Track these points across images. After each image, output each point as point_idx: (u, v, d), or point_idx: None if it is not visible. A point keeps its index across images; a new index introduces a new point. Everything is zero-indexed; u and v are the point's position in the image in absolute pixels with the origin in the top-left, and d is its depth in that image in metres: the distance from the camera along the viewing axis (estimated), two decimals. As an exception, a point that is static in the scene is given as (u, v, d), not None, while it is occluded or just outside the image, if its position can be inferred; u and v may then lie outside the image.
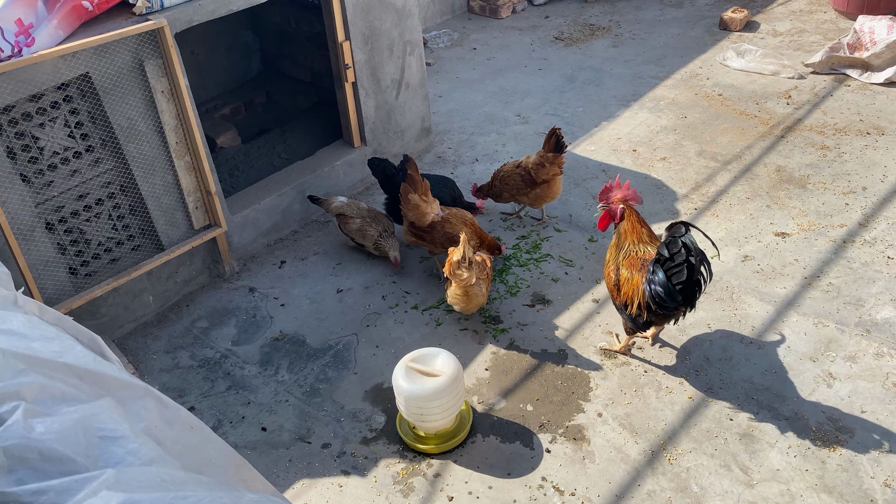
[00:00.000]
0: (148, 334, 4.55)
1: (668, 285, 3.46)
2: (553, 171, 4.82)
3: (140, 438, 1.78)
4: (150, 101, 4.19)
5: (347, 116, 5.39)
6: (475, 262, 4.12)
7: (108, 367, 2.03)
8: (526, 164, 4.91)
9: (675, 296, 3.47)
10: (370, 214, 4.88)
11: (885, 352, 3.92)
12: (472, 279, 4.04)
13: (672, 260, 3.44)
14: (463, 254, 3.98)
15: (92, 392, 1.93)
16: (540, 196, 4.94)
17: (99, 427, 1.73)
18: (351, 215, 4.88)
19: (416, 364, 3.56)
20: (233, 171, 5.57)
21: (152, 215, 4.44)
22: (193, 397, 4.10)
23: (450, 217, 4.53)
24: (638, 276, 3.67)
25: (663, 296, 3.49)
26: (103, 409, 1.83)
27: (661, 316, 3.66)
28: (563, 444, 3.63)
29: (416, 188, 4.47)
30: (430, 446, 3.62)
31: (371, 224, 4.81)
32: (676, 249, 3.42)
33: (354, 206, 4.94)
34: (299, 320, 4.53)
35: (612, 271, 3.86)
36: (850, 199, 5.05)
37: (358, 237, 4.86)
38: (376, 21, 5.19)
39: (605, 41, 7.84)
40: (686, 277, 3.40)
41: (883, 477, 3.32)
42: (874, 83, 6.35)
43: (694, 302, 3.56)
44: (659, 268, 3.51)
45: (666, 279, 3.47)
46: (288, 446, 3.77)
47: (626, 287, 3.74)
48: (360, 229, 4.82)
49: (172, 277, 4.72)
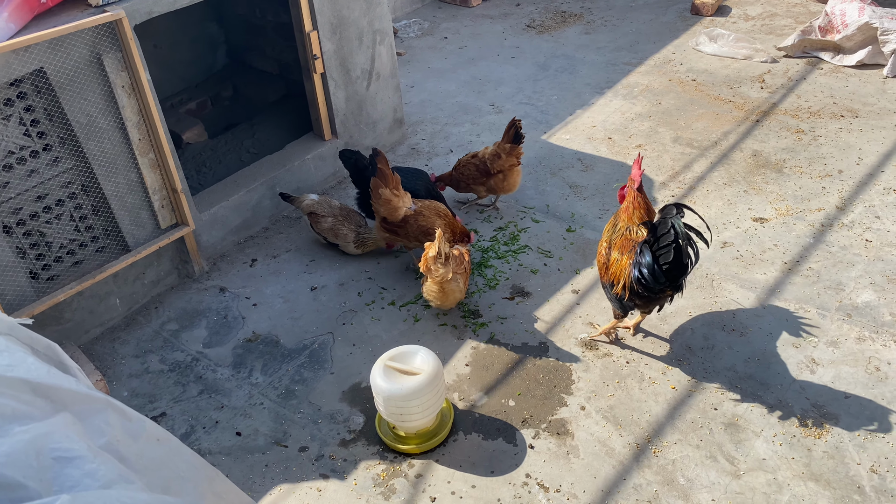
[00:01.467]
0: (116, 338, 4.40)
1: (654, 266, 3.42)
2: (510, 161, 4.81)
3: (99, 458, 1.66)
4: (111, 97, 4.02)
5: (317, 108, 5.25)
6: (452, 257, 4.02)
7: (63, 380, 1.90)
8: (483, 154, 4.91)
9: (660, 277, 3.43)
10: (342, 213, 4.75)
11: (866, 336, 3.89)
12: (448, 275, 3.94)
13: (658, 242, 3.40)
14: (438, 249, 3.88)
15: (47, 408, 1.80)
16: (495, 187, 4.93)
17: (53, 447, 1.60)
18: (322, 214, 4.75)
19: (395, 362, 3.46)
20: (200, 168, 5.40)
21: (116, 215, 4.28)
22: (164, 403, 3.96)
23: (423, 209, 4.43)
24: (626, 257, 3.63)
25: (648, 277, 3.45)
26: (58, 426, 1.71)
27: (645, 298, 3.61)
28: (547, 440, 3.55)
29: (387, 182, 4.34)
30: (411, 446, 3.52)
31: (343, 223, 4.68)
32: (665, 231, 3.38)
33: (326, 203, 4.81)
34: (272, 320, 4.40)
35: (604, 249, 3.84)
36: (827, 182, 5.03)
37: (330, 236, 4.74)
38: (344, 10, 5.05)
39: (577, 28, 7.77)
40: (672, 259, 3.36)
41: (869, 463, 3.29)
42: (846, 66, 6.34)
43: (680, 285, 3.51)
44: (647, 249, 3.47)
45: (652, 260, 3.43)
46: (264, 451, 3.65)
47: (613, 267, 3.71)
48: (332, 228, 4.70)
49: (140, 279, 4.56)
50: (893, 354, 3.77)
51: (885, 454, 3.31)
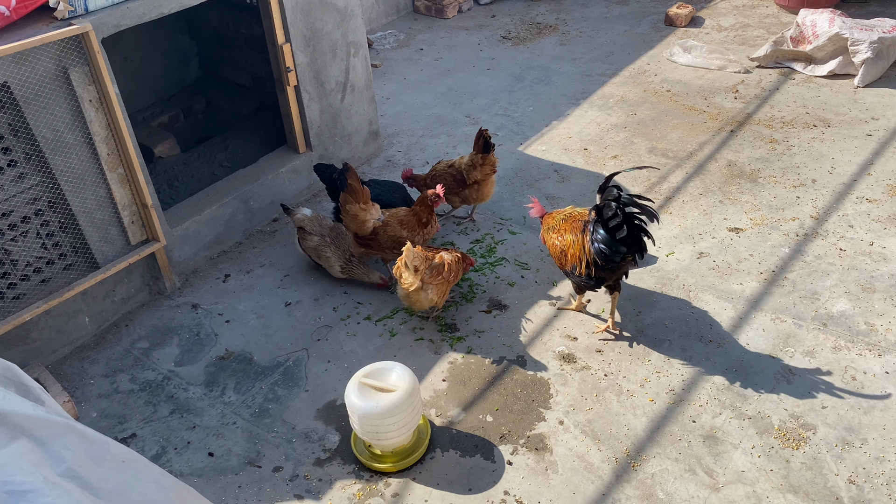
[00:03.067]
0: (85, 358, 4.29)
1: (610, 240, 3.60)
2: (484, 171, 4.79)
3: (56, 490, 1.59)
4: (78, 111, 3.94)
5: (291, 121, 5.19)
6: (433, 267, 3.99)
7: (20, 405, 1.83)
8: (459, 164, 4.89)
9: (619, 248, 3.60)
10: (332, 234, 4.52)
11: (842, 345, 3.90)
12: (414, 283, 3.93)
13: (603, 215, 3.60)
14: (405, 262, 3.92)
15: (2, 436, 1.73)
16: (469, 197, 4.92)
17: (6, 480, 1.54)
18: (310, 231, 4.55)
19: (370, 380, 3.40)
20: (172, 182, 5.32)
21: (85, 232, 4.18)
22: (135, 423, 3.87)
23: (390, 220, 4.42)
24: (581, 236, 3.79)
25: (607, 252, 3.62)
26: (13, 457, 1.64)
27: (609, 270, 3.74)
28: (525, 455, 3.51)
29: (357, 198, 4.31)
30: (388, 465, 3.46)
31: (330, 246, 4.46)
32: (609, 201, 3.56)
33: (317, 221, 4.60)
34: (246, 337, 4.33)
35: (556, 238, 3.98)
36: (801, 191, 5.06)
37: (314, 255, 4.56)
38: (318, 22, 5.00)
39: (552, 39, 7.78)
40: (626, 231, 3.54)
41: (847, 473, 3.28)
42: (818, 76, 6.40)
43: (642, 249, 3.66)
44: (598, 226, 3.65)
45: (607, 234, 3.61)
46: (237, 471, 3.57)
47: (571, 249, 3.85)
48: (315, 248, 4.51)
49: (110, 296, 4.47)
50: (869, 363, 3.78)
51: (863, 464, 3.31)
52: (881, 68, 6.21)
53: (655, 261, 4.58)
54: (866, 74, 6.15)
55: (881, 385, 3.66)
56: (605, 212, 3.58)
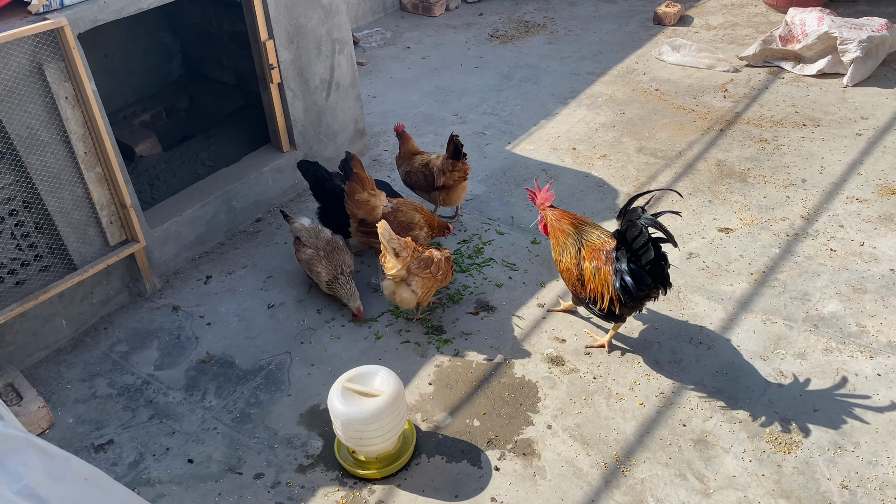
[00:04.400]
0: (61, 362, 4.18)
1: (637, 270, 3.40)
2: (454, 177, 4.70)
3: (11, 509, 1.50)
4: (53, 108, 3.83)
5: (274, 119, 5.09)
6: (422, 259, 3.93)
7: (-23, 420, 1.73)
8: (432, 164, 4.77)
9: (645, 279, 3.41)
10: (327, 248, 4.31)
11: (833, 347, 3.85)
12: (398, 267, 3.87)
13: (633, 244, 3.37)
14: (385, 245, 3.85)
15: (-42, 452, 1.64)
16: (438, 199, 4.86)
17: (-42, 499, 1.44)
18: (305, 242, 4.37)
19: (353, 384, 3.31)
20: (153, 182, 5.21)
21: (61, 232, 4.07)
22: (112, 429, 3.76)
23: (399, 205, 4.43)
24: (605, 269, 3.55)
25: (632, 286, 3.41)
26: (-33, 474, 1.54)
27: (634, 303, 3.55)
28: (513, 461, 3.43)
29: (364, 185, 4.29)
30: (372, 471, 3.38)
31: (322, 261, 4.25)
32: (637, 233, 3.34)
33: (314, 232, 4.41)
34: (227, 340, 4.23)
35: (572, 266, 3.72)
36: (791, 191, 5.01)
37: (305, 268, 4.37)
38: (301, 18, 4.91)
39: (540, 38, 7.72)
40: (654, 256, 3.34)
41: (840, 478, 3.22)
42: (807, 75, 6.37)
43: (666, 281, 3.48)
44: (623, 255, 3.45)
45: (634, 265, 3.41)
46: (217, 479, 3.47)
47: (592, 283, 3.62)
48: (307, 261, 4.32)
49: (87, 298, 4.36)
50: (860, 365, 3.72)
51: (856, 469, 3.25)
52: (870, 67, 6.18)
53: (645, 261, 4.52)
54: (855, 73, 6.11)
55: (873, 387, 3.61)
56: (631, 231, 3.35)
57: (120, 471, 3.54)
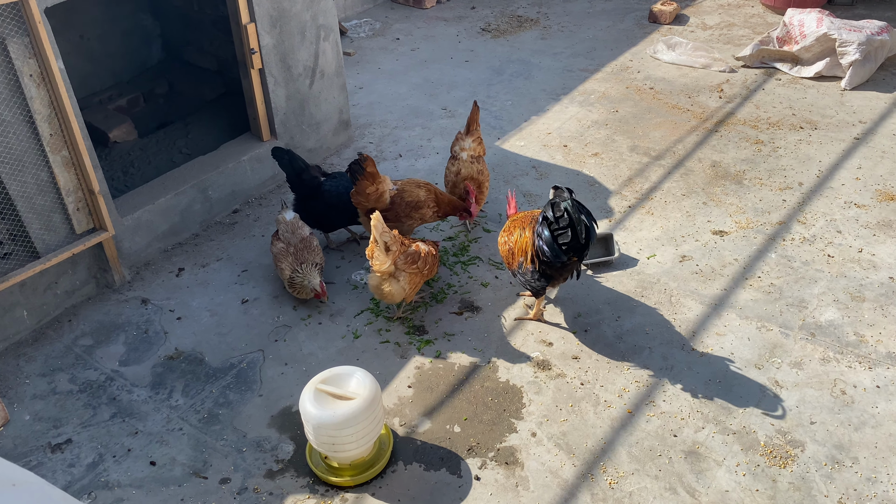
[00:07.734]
0: (21, 355, 3.96)
1: (554, 245, 3.48)
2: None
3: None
4: (17, 87, 3.62)
5: (255, 107, 4.89)
6: (409, 254, 3.76)
7: None
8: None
9: (560, 255, 3.49)
10: (299, 245, 4.13)
11: (830, 356, 3.69)
12: (386, 263, 3.70)
13: (557, 223, 3.47)
14: (375, 237, 3.67)
15: None
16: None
17: None
18: (280, 236, 4.21)
19: (327, 386, 3.12)
20: (127, 169, 4.99)
21: (24, 218, 3.86)
22: (71, 427, 3.55)
23: (404, 186, 4.30)
24: (529, 230, 3.68)
25: (549, 254, 3.51)
26: None
27: (556, 268, 3.61)
28: (494, 470, 3.25)
29: (375, 181, 4.16)
30: (345, 478, 3.19)
31: (287, 257, 4.07)
32: (560, 213, 3.45)
33: (291, 229, 4.23)
34: (198, 335, 4.02)
35: (506, 240, 3.86)
36: (787, 195, 4.86)
37: (274, 260, 4.19)
38: (285, 2, 4.71)
39: (533, 33, 7.54)
40: (570, 239, 3.45)
41: (837, 495, 3.07)
42: (804, 77, 6.23)
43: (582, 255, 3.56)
44: (545, 225, 3.52)
45: (551, 238, 3.49)
46: (180, 483, 3.27)
47: (519, 244, 3.72)
48: (276, 255, 4.15)
49: (51, 289, 4.14)
50: (859, 377, 3.57)
51: (854, 485, 3.10)
52: (869, 71, 6.05)
53: (636, 263, 4.35)
54: (854, 77, 5.98)
55: (872, 400, 3.46)
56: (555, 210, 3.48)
57: (77, 472, 3.33)
